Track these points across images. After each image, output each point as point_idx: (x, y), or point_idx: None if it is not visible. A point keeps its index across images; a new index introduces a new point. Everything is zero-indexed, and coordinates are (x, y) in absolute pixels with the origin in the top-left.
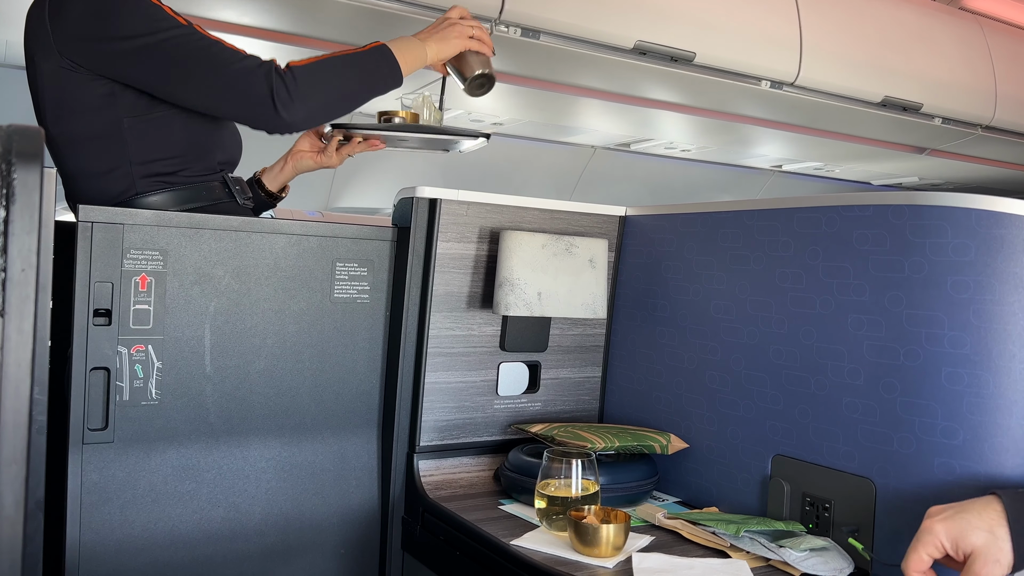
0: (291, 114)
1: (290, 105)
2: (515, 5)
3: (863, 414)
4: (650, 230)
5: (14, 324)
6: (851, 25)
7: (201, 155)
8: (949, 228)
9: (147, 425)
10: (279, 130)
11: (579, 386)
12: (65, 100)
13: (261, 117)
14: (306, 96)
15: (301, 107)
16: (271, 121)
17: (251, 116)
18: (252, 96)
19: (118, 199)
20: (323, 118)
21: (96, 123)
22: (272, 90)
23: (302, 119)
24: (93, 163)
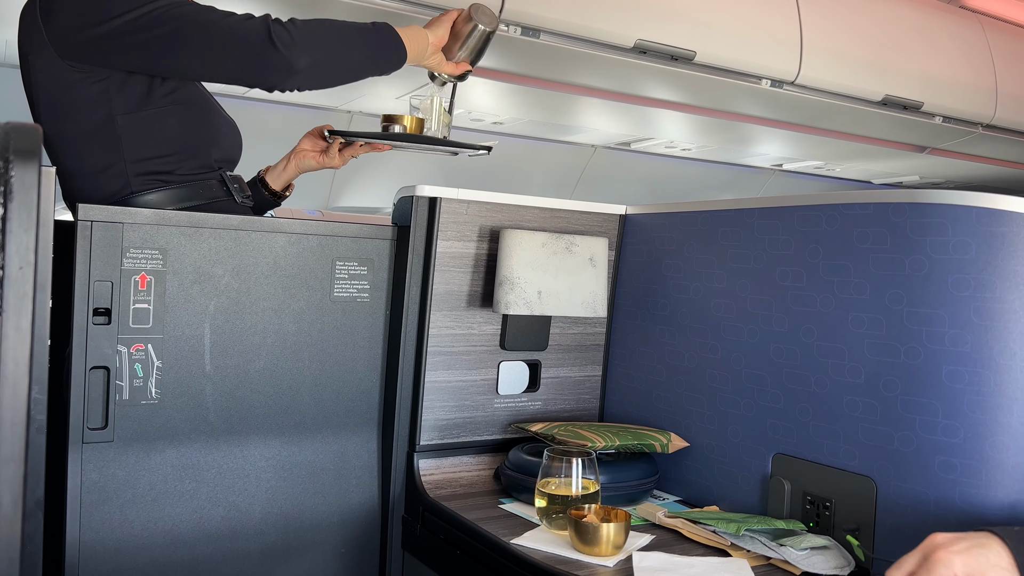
0: (294, 56)
1: (292, 47)
2: (515, 4)
3: (864, 412)
4: (650, 229)
5: (12, 322)
6: (851, 24)
7: (196, 153)
8: (950, 226)
9: (147, 424)
10: (284, 77)
11: (579, 385)
12: (59, 98)
13: (264, 64)
14: (309, 42)
15: (304, 52)
16: (274, 64)
17: (253, 64)
18: (251, 43)
19: (113, 198)
20: (327, 70)
21: (90, 121)
22: (271, 33)
23: (306, 65)
24: (88, 162)
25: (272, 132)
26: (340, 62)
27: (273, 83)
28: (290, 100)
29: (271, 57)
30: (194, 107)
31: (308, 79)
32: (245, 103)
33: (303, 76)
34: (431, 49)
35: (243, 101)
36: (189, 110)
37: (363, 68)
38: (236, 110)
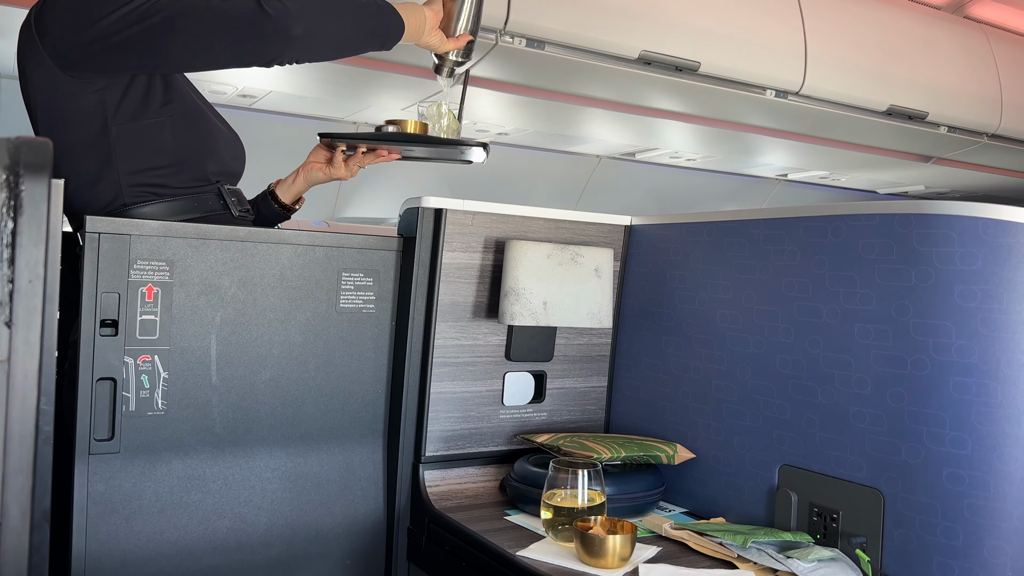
0: (288, 23)
1: (286, 14)
2: (520, 16)
3: (871, 424)
4: (655, 239)
5: (21, 335)
6: (855, 34)
7: (191, 165)
8: (956, 237)
9: (153, 435)
10: (280, 47)
11: (585, 396)
12: (55, 109)
13: (259, 34)
14: (302, 9)
15: (298, 19)
16: (269, 34)
17: (248, 37)
18: (244, 15)
19: (105, 210)
20: (324, 40)
21: (85, 131)
22: (262, 6)
23: (302, 32)
24: (82, 173)
25: (280, 144)
26: (336, 31)
27: (270, 54)
28: (298, 111)
29: (265, 26)
30: (189, 119)
31: (305, 48)
32: (252, 115)
33: (299, 45)
34: (429, 25)
35: (250, 113)
36: (184, 122)
37: (361, 40)
38: (243, 122)
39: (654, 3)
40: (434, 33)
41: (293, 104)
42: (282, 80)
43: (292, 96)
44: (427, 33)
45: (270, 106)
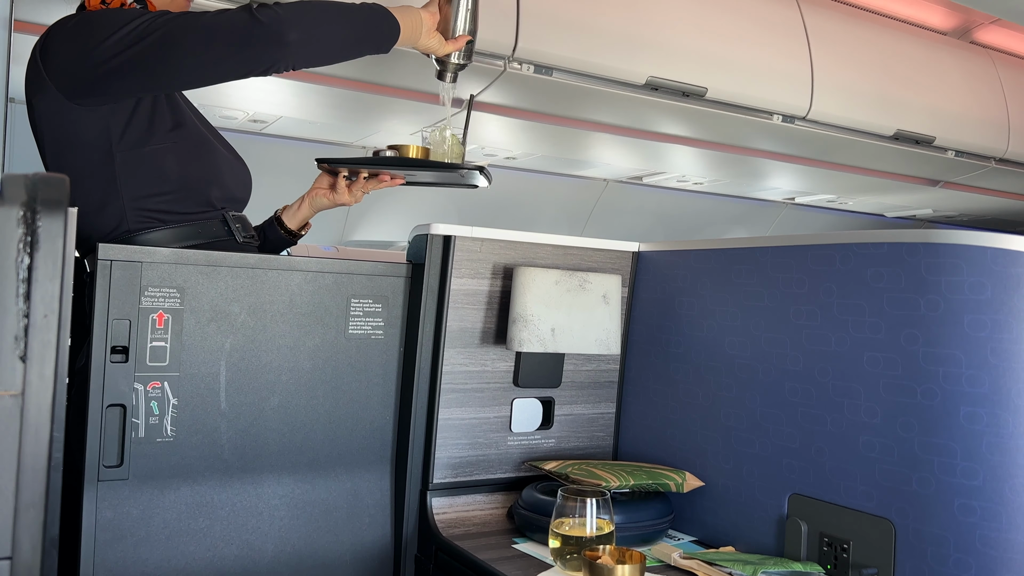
0: (282, 28)
1: (279, 21)
2: (528, 43)
3: (881, 453)
4: (663, 266)
5: (35, 370)
6: (862, 59)
7: (194, 192)
8: (964, 266)
9: (162, 462)
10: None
11: (593, 422)
12: (61, 137)
13: (254, 41)
14: (295, 15)
15: (292, 24)
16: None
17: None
18: (238, 25)
19: (111, 236)
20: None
21: (90, 158)
22: (254, 13)
23: (296, 37)
24: (87, 200)
25: (290, 168)
26: (331, 35)
27: (266, 61)
28: (308, 136)
29: (259, 33)
30: (193, 146)
31: (300, 52)
32: (262, 140)
33: (295, 49)
34: (427, 27)
35: (260, 138)
36: (188, 149)
37: (356, 43)
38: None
39: (661, 30)
40: (432, 35)
41: (303, 129)
42: (292, 106)
43: (301, 121)
44: (425, 35)
45: (280, 131)
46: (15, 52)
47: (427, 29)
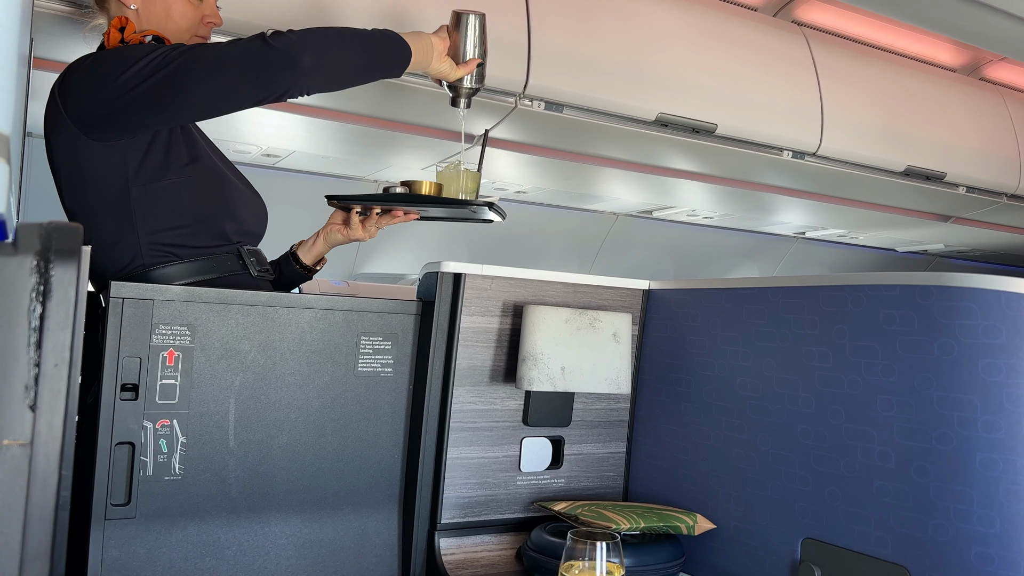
0: (296, 53)
1: (292, 46)
2: (539, 80)
3: (895, 498)
4: (674, 304)
5: (45, 419)
6: (872, 96)
7: (209, 226)
8: (978, 310)
9: (169, 500)
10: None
11: (603, 462)
12: (78, 173)
13: (267, 67)
14: (308, 41)
15: (305, 49)
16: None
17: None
18: (251, 52)
19: (125, 270)
20: (332, 68)
21: (106, 194)
22: (267, 39)
23: (310, 62)
24: (103, 234)
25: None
26: (344, 59)
27: (282, 86)
28: (321, 170)
29: (273, 58)
30: (208, 181)
31: (315, 77)
32: (276, 174)
33: (309, 74)
34: (437, 51)
35: (274, 172)
36: (203, 183)
37: (368, 67)
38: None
39: (671, 66)
40: (443, 60)
41: (316, 163)
42: (305, 140)
43: (315, 156)
44: (436, 60)
45: (293, 165)
46: (33, 88)
47: (438, 54)
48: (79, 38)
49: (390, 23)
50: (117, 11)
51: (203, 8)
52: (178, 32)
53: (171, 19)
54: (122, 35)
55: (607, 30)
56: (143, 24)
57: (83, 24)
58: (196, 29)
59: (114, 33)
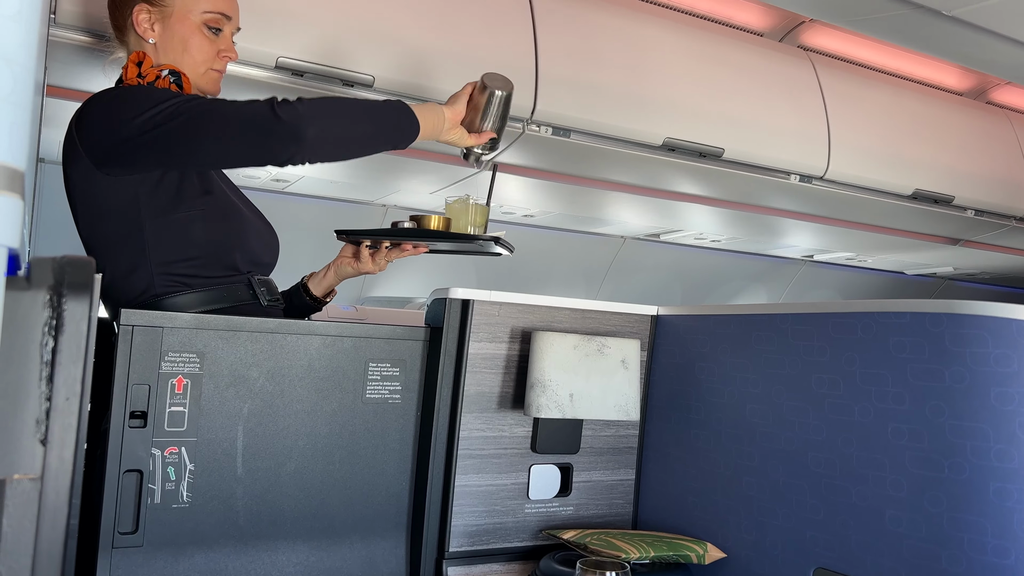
0: (300, 126)
1: (298, 118)
2: (546, 105)
3: (908, 528)
4: (683, 330)
5: (55, 453)
6: (878, 120)
7: (220, 258)
8: (990, 338)
9: (177, 528)
10: (292, 149)
11: (612, 489)
12: (92, 205)
13: (271, 135)
14: (315, 113)
15: (310, 122)
16: (281, 136)
17: (261, 138)
18: (258, 119)
19: (139, 299)
20: (335, 142)
21: (120, 226)
22: (275, 108)
23: (313, 135)
24: (118, 264)
25: (311, 226)
26: (348, 133)
27: (282, 156)
28: (329, 195)
29: (277, 129)
30: (220, 213)
31: (316, 150)
32: (284, 199)
33: (311, 146)
34: (448, 124)
35: (283, 197)
36: (215, 216)
37: (372, 140)
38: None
39: (678, 92)
40: (454, 131)
41: (325, 188)
42: (314, 165)
43: (324, 181)
44: (446, 132)
45: (302, 190)
46: (47, 115)
47: (449, 126)
48: (91, 66)
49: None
50: (136, 45)
51: (219, 42)
52: (194, 65)
53: (188, 53)
54: (139, 68)
55: (614, 56)
56: (161, 58)
57: (97, 53)
58: (212, 63)
59: (132, 67)
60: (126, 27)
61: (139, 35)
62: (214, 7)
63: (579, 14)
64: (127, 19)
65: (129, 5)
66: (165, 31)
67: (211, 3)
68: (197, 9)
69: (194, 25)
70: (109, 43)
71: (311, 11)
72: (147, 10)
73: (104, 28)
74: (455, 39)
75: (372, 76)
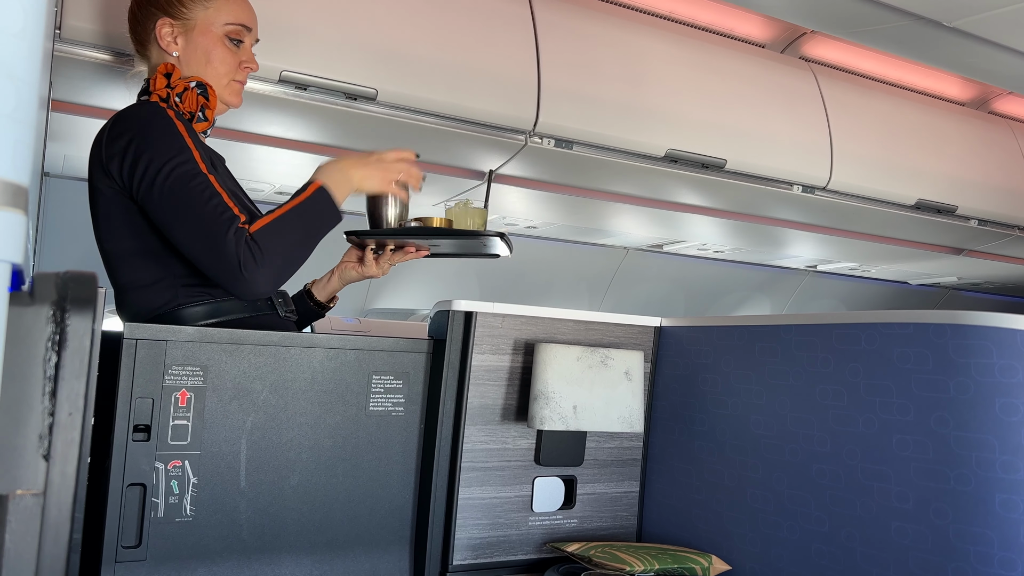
0: (257, 279)
1: (255, 271)
2: (548, 117)
3: (914, 541)
4: (686, 342)
5: (58, 468)
6: (881, 130)
7: None
8: (994, 349)
9: (180, 542)
10: (246, 295)
11: (616, 502)
12: (117, 218)
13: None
14: (270, 260)
15: (266, 271)
16: (239, 287)
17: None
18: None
19: (161, 310)
20: (285, 275)
21: (144, 239)
22: (240, 261)
23: (266, 281)
24: (141, 276)
25: None
26: (295, 260)
27: (234, 293)
28: None
29: (237, 282)
30: None
31: (268, 289)
32: None
33: (264, 290)
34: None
35: None
36: None
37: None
38: None
39: (680, 103)
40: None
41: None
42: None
43: None
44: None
45: None
46: (52, 130)
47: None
48: (96, 81)
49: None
50: (158, 58)
51: (240, 53)
52: (217, 77)
53: (211, 64)
54: (168, 80)
55: (616, 68)
56: (184, 70)
57: (103, 68)
58: (234, 74)
59: (160, 79)
60: (148, 41)
61: (162, 48)
62: (236, 19)
63: (581, 27)
64: (150, 33)
65: (152, 19)
66: (188, 44)
67: (233, 15)
68: (219, 21)
69: (216, 37)
70: (122, 59)
71: (315, 25)
72: (170, 24)
73: (110, 43)
74: (458, 52)
75: (375, 89)
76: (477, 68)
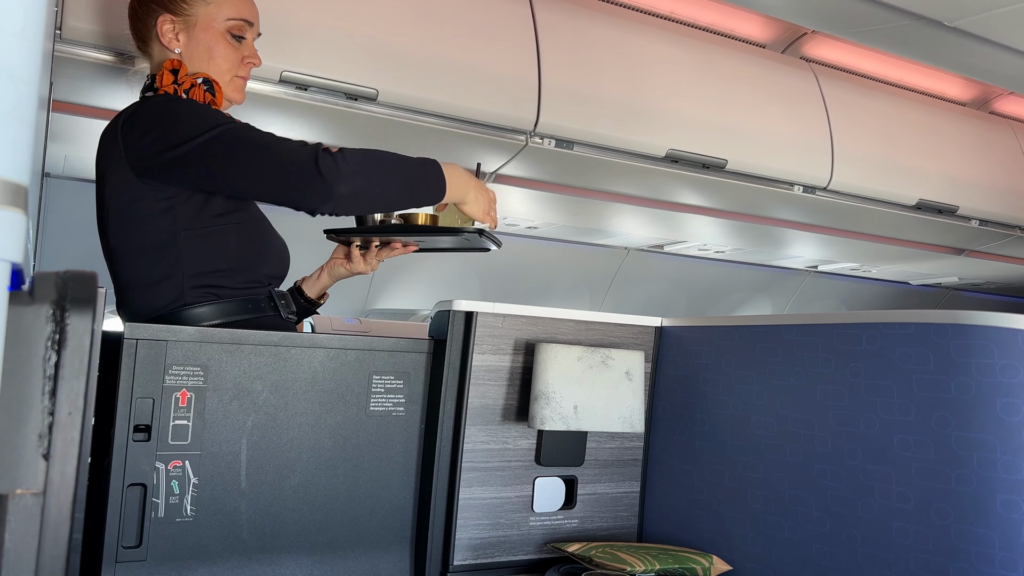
0: (336, 183)
1: (336, 175)
2: (549, 118)
3: (915, 541)
4: (687, 342)
5: (58, 468)
6: (882, 130)
7: (248, 269)
8: (995, 349)
9: (180, 542)
10: (323, 201)
11: (617, 502)
12: (128, 212)
13: (306, 185)
14: (353, 171)
15: (347, 181)
16: (316, 187)
17: (296, 185)
18: (298, 166)
19: (166, 309)
20: (365, 200)
21: (154, 234)
22: (318, 159)
23: (346, 192)
24: (147, 273)
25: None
26: (379, 193)
27: (312, 205)
28: None
29: (315, 181)
30: (251, 226)
31: (347, 206)
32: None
33: (342, 203)
34: (473, 193)
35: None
36: (247, 228)
37: (400, 201)
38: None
39: (681, 103)
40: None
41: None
42: None
43: None
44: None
45: None
46: (53, 130)
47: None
48: (97, 81)
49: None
50: (160, 55)
51: (243, 49)
52: (220, 73)
53: (213, 60)
54: (175, 76)
55: (617, 68)
56: (187, 67)
57: (104, 68)
58: (237, 70)
59: (167, 75)
60: (150, 38)
61: (164, 45)
62: (237, 14)
63: (582, 27)
64: (151, 30)
65: (152, 16)
66: (190, 40)
67: (234, 10)
68: (220, 17)
69: (218, 33)
70: (123, 59)
71: (315, 25)
72: (171, 20)
73: (110, 43)
74: (459, 53)
75: (376, 89)
76: (478, 68)
